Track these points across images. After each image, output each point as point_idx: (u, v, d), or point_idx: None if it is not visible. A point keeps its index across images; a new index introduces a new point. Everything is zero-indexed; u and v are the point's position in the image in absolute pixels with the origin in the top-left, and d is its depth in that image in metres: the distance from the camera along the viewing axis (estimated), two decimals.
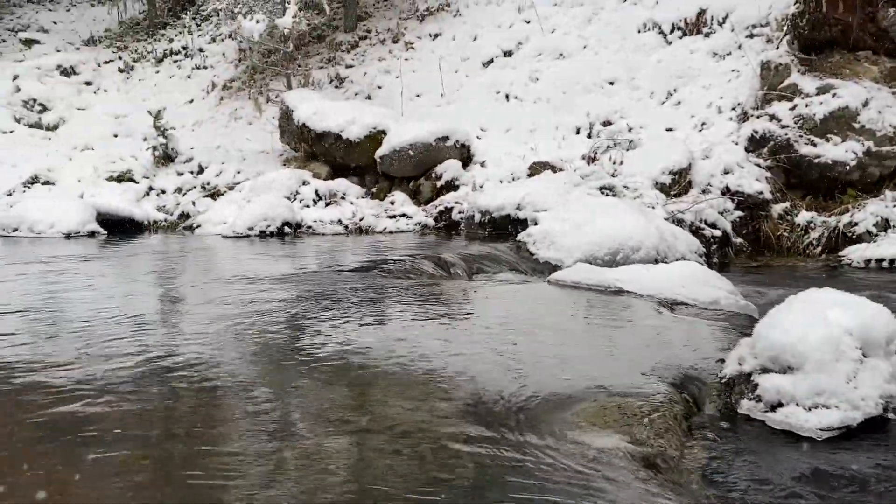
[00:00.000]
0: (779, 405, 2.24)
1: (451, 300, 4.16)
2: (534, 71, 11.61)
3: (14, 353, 2.91)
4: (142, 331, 3.34)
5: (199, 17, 17.17)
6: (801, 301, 2.42)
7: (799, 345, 2.23)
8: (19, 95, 14.25)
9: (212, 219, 9.54)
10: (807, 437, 2.13)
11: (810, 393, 2.17)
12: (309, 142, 10.49)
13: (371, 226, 8.96)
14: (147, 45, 16.84)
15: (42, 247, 7.79)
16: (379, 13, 14.94)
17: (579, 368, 2.64)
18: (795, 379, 2.22)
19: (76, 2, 20.25)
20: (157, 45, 16.62)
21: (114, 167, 11.30)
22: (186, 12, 17.53)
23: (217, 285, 4.83)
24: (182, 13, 17.63)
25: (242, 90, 13.96)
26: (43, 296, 4.43)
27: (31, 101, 14.21)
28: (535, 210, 7.62)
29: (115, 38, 17.67)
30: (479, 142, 10.17)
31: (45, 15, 19.85)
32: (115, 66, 16.22)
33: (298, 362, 2.75)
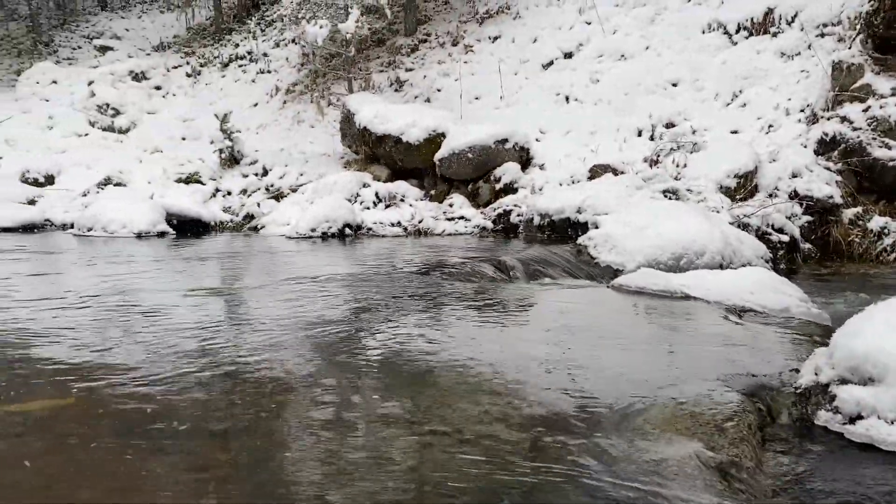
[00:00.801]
0: (858, 417, 2.17)
1: (512, 304, 4.16)
2: (595, 72, 11.51)
3: (85, 351, 3.03)
4: (208, 329, 3.44)
5: (264, 22, 17.58)
6: (883, 310, 2.34)
7: (881, 355, 2.16)
8: (94, 100, 14.85)
9: (276, 220, 9.75)
10: (889, 451, 2.06)
11: (894, 405, 2.10)
12: (369, 144, 10.62)
13: (430, 228, 9.01)
14: (213, 50, 17.34)
15: (115, 246, 8.10)
16: (439, 16, 15.03)
17: (647, 375, 2.61)
18: (877, 391, 2.15)
19: (147, 9, 20.99)
20: (223, 51, 17.09)
21: (182, 169, 11.66)
22: (251, 18, 17.98)
23: (280, 286, 4.94)
24: (247, 19, 18.09)
25: (305, 94, 14.24)
26: (114, 294, 4.61)
27: (104, 105, 14.79)
28: (595, 213, 7.55)
29: (183, 44, 18.25)
30: (538, 144, 10.14)
31: (118, 22, 20.64)
32: (183, 70, 16.75)
33: (360, 363, 2.80)
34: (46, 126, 14.43)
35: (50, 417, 2.17)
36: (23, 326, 3.50)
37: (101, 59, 17.75)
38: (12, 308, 4.01)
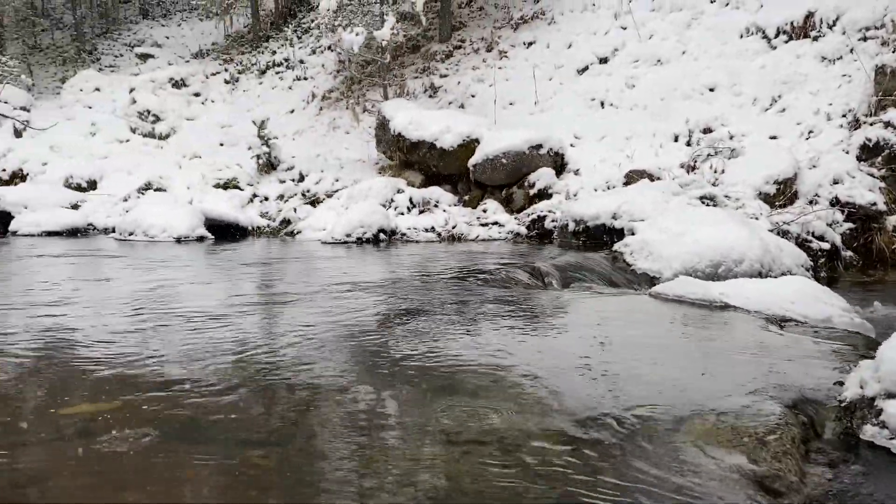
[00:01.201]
0: None
1: (547, 311, 4.16)
2: (630, 77, 11.44)
3: (130, 356, 3.11)
4: (247, 335, 3.50)
5: (300, 29, 17.80)
6: None
7: None
8: (135, 107, 15.18)
9: (312, 225, 9.87)
10: None
11: None
12: (404, 150, 10.68)
13: (463, 233, 9.03)
14: (251, 57, 17.61)
15: (156, 251, 8.26)
16: (473, 23, 15.07)
17: (686, 386, 2.59)
18: None
19: (187, 17, 21.40)
20: (261, 58, 17.34)
21: (220, 175, 11.85)
22: (288, 26, 18.22)
23: (316, 292, 4.99)
24: (284, 26, 18.33)
25: (340, 100, 14.38)
26: (157, 299, 4.71)
27: (145, 112, 15.11)
28: (631, 219, 7.50)
29: (221, 52, 18.57)
30: (573, 150, 10.10)
31: (158, 30, 21.08)
32: (222, 77, 17.04)
33: (396, 371, 2.82)
34: (89, 132, 14.78)
35: (98, 420, 2.23)
36: (73, 329, 3.60)
37: (141, 67, 18.15)
38: (63, 312, 4.12)
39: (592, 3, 13.56)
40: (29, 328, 3.66)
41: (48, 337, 3.44)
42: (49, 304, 4.42)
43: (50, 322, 3.80)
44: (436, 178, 10.53)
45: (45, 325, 3.73)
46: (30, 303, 4.48)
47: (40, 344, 3.31)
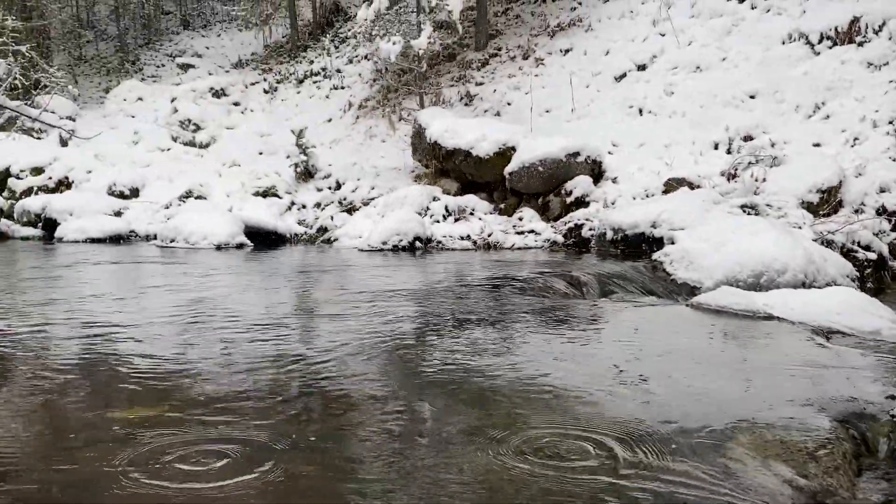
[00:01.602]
0: None
1: (586, 322, 4.12)
2: (669, 84, 11.32)
3: (176, 362, 3.16)
4: (287, 342, 3.54)
5: (338, 39, 18.00)
6: None
7: None
8: (176, 116, 15.48)
9: (348, 232, 9.94)
10: None
11: None
12: (440, 158, 10.71)
13: (499, 241, 9.01)
14: (289, 67, 17.85)
15: (197, 258, 8.40)
16: (509, 30, 15.08)
17: (731, 399, 2.54)
18: None
19: (226, 28, 21.79)
20: (299, 67, 17.57)
21: (259, 183, 12.01)
22: (326, 35, 18.43)
23: (353, 299, 5.02)
24: (322, 36, 18.54)
25: (377, 109, 14.49)
26: (202, 306, 4.78)
27: (186, 121, 15.40)
28: (671, 228, 7.41)
29: (260, 62, 18.85)
30: (610, 157, 10.02)
31: (199, 41, 21.49)
32: (261, 87, 17.29)
33: (433, 379, 2.81)
34: (132, 141, 15.11)
35: (146, 425, 2.26)
36: (121, 333, 3.67)
37: (183, 77, 18.51)
38: (114, 315, 4.21)
39: (630, 10, 13.47)
40: (82, 336, 3.74)
41: (100, 345, 3.52)
42: (104, 312, 4.52)
43: (101, 330, 3.88)
44: (471, 185, 10.53)
45: (98, 333, 3.81)
46: (88, 311, 4.59)
47: (90, 352, 3.38)
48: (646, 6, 13.27)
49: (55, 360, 3.15)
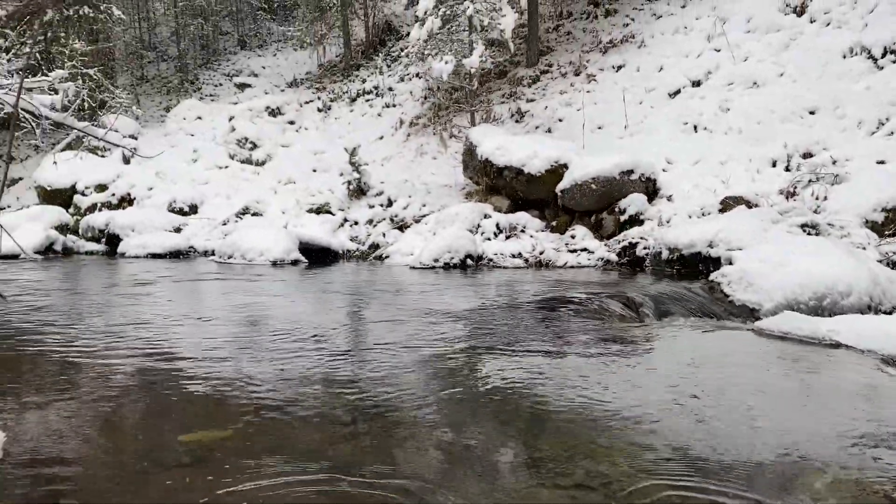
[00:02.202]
0: None
1: (644, 348, 4.06)
2: (724, 100, 11.14)
3: (236, 382, 3.23)
4: (336, 361, 3.58)
5: (390, 58, 18.24)
6: None
7: None
8: (234, 135, 15.87)
9: (400, 249, 10.02)
10: None
11: None
12: (491, 176, 10.73)
13: (551, 260, 8.96)
14: (342, 85, 18.15)
15: (255, 274, 8.57)
16: (561, 47, 15.06)
17: (799, 433, 2.47)
18: None
19: (282, 47, 22.28)
20: (352, 86, 17.85)
21: (313, 200, 12.21)
22: (378, 54, 18.69)
23: (406, 318, 5.06)
24: (374, 55, 18.81)
25: (428, 126, 14.61)
26: (261, 323, 4.88)
27: (243, 139, 15.78)
28: (728, 248, 7.26)
29: (314, 80, 19.22)
30: (665, 175, 9.89)
31: (255, 60, 22.02)
32: (315, 105, 17.61)
33: (486, 406, 2.81)
34: (191, 159, 15.54)
35: (213, 448, 2.32)
36: (183, 352, 3.78)
37: (240, 96, 18.99)
38: (176, 333, 4.33)
39: (684, 25, 13.32)
40: (145, 353, 3.86)
41: (163, 364, 3.62)
42: (166, 329, 4.65)
43: (164, 348, 4.00)
44: (523, 203, 10.51)
45: (160, 351, 3.93)
46: (150, 327, 4.73)
47: (153, 371, 3.48)
48: (700, 22, 13.11)
49: (119, 379, 3.25)
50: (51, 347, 3.89)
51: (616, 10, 15.25)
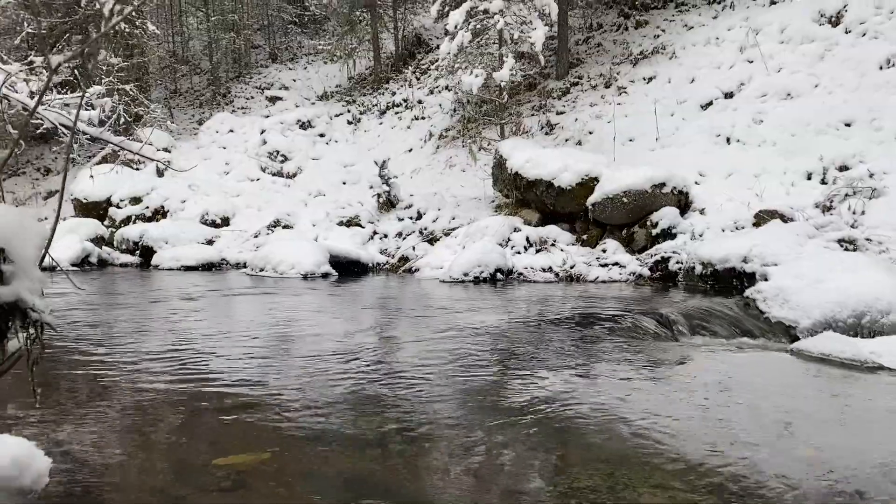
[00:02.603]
0: None
1: (681, 370, 3.99)
2: (758, 112, 11.00)
3: (262, 397, 3.25)
4: (368, 378, 3.58)
5: (419, 71, 18.33)
6: None
7: None
8: (265, 147, 16.07)
9: (430, 263, 10.03)
10: None
11: None
12: (520, 189, 10.71)
13: (582, 274, 8.90)
14: (372, 98, 18.28)
15: (285, 286, 8.64)
16: (591, 59, 15.01)
17: (847, 467, 2.41)
18: None
19: (312, 60, 22.51)
20: (381, 99, 17.97)
21: (343, 213, 12.30)
22: (408, 67, 18.80)
23: (436, 333, 5.06)
24: (404, 68, 18.93)
25: (457, 138, 14.64)
26: (295, 340, 4.92)
27: (275, 152, 15.97)
28: (763, 263, 7.16)
29: (344, 93, 19.39)
30: (697, 188, 9.78)
31: (286, 73, 22.27)
32: (345, 118, 17.76)
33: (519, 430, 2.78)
34: (223, 171, 15.76)
35: (251, 472, 2.33)
36: (218, 370, 3.81)
37: (271, 109, 19.22)
38: (212, 350, 4.38)
39: (716, 36, 13.21)
40: (179, 371, 3.90)
41: (198, 382, 3.66)
42: (202, 346, 4.71)
43: (200, 367, 4.04)
44: (553, 216, 10.47)
45: (196, 370, 3.97)
46: (185, 345, 4.79)
47: (187, 391, 3.51)
48: (732, 33, 12.99)
49: (155, 401, 3.29)
50: (87, 367, 3.95)
51: (647, 21, 15.17)
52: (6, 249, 1.23)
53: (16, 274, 1.25)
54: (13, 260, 1.25)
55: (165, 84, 24.45)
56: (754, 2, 13.67)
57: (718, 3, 14.35)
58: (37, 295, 1.28)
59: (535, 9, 11.30)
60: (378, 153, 14.82)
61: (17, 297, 1.25)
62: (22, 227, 1.27)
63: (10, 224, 1.25)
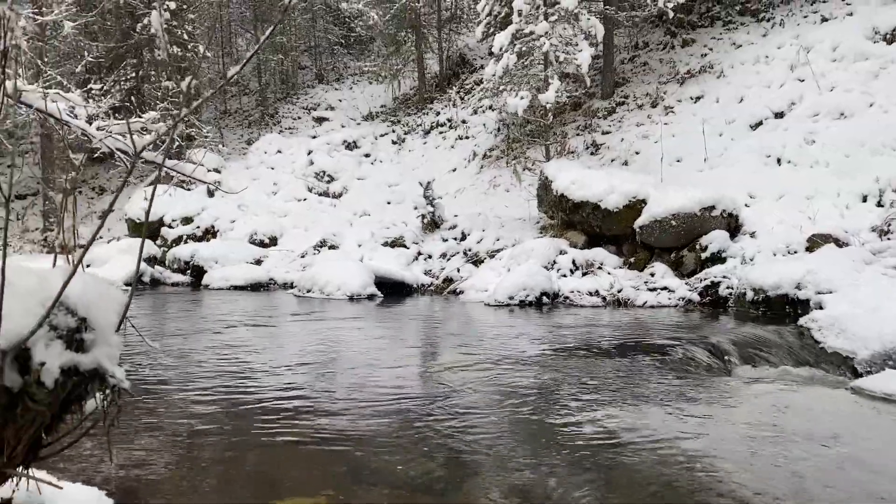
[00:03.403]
0: None
1: (736, 408, 3.88)
2: (809, 132, 10.78)
3: (309, 423, 3.28)
4: (415, 406, 3.59)
5: (463, 90, 18.45)
6: None
7: None
8: (312, 168, 16.33)
9: (474, 285, 10.02)
10: None
11: None
12: (566, 211, 10.65)
13: (630, 298, 8.79)
14: (416, 118, 18.45)
15: (332, 308, 8.73)
16: (636, 78, 14.91)
17: None
18: None
19: (357, 81, 22.83)
20: (425, 118, 18.12)
21: (388, 233, 12.40)
22: (452, 87, 18.94)
23: (481, 363, 5.06)
24: (448, 88, 19.07)
25: (501, 158, 14.67)
26: (336, 362, 4.97)
27: (321, 172, 16.22)
28: (818, 290, 6.98)
29: (389, 113, 19.61)
30: (747, 210, 9.61)
31: (332, 94, 22.62)
32: (389, 138, 17.95)
33: (566, 470, 2.76)
34: (272, 191, 16.04)
35: None
36: (272, 404, 3.87)
37: (317, 129, 19.54)
38: (264, 383, 4.45)
39: (765, 55, 13.00)
40: (237, 403, 3.97)
41: (251, 415, 3.72)
42: (257, 375, 4.79)
43: (254, 397, 4.11)
44: (599, 238, 10.38)
45: (250, 401, 4.04)
46: (240, 371, 4.88)
47: (242, 426, 3.57)
48: (782, 51, 12.77)
49: (212, 435, 3.35)
50: (140, 398, 4.03)
51: (694, 39, 15.03)
52: (87, 318, 1.29)
53: (96, 342, 1.31)
54: (94, 328, 1.31)
55: (216, 105, 25.04)
56: (805, 19, 13.44)
57: (767, 20, 14.15)
58: (115, 361, 1.33)
59: (580, 30, 11.28)
60: (422, 173, 14.93)
61: (97, 365, 1.30)
62: (102, 296, 1.33)
63: (91, 293, 1.31)
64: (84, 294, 1.29)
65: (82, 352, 1.29)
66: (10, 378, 1.16)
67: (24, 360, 1.20)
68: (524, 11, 11.29)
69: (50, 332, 1.24)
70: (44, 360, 1.21)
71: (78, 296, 1.28)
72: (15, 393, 1.18)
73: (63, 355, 1.25)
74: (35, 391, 1.20)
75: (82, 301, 1.29)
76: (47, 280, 1.26)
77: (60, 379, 1.24)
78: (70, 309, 1.27)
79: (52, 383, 1.22)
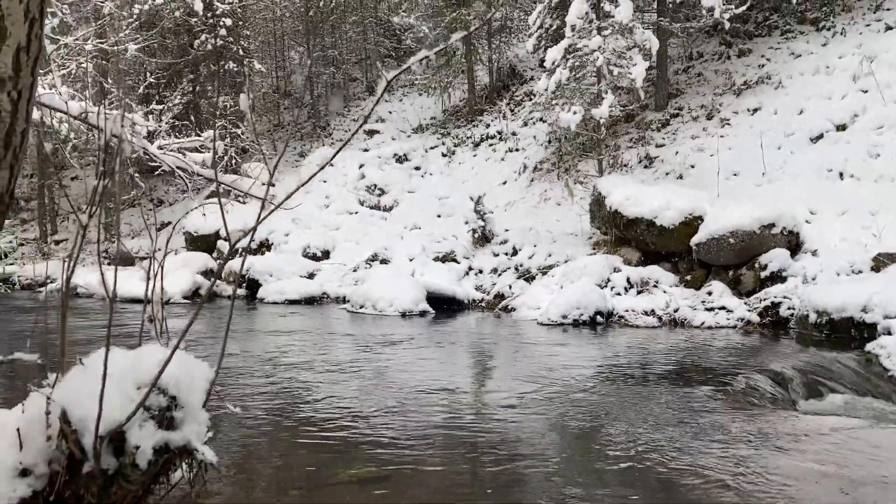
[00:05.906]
0: None
1: (802, 451, 3.76)
2: (873, 145, 10.45)
3: (374, 454, 3.30)
4: (469, 434, 3.58)
5: (513, 102, 18.42)
6: None
7: None
8: (363, 181, 16.51)
9: (526, 302, 9.97)
10: None
11: None
12: (620, 227, 10.52)
13: (686, 318, 8.62)
14: (466, 130, 18.48)
15: (385, 326, 8.79)
16: (691, 89, 14.67)
17: None
18: None
19: (408, 92, 22.99)
20: (475, 131, 18.14)
21: (438, 247, 12.43)
22: (502, 99, 18.92)
23: (536, 386, 5.03)
24: (498, 100, 19.07)
25: (552, 171, 14.58)
26: (394, 386, 4.99)
27: (372, 185, 16.38)
28: (885, 315, 6.75)
29: (439, 125, 19.69)
30: (808, 227, 9.34)
31: (382, 106, 22.81)
32: (439, 151, 18.02)
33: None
34: (324, 204, 16.26)
35: None
36: (331, 430, 3.92)
37: (368, 142, 19.74)
38: (325, 407, 4.51)
39: (826, 65, 12.65)
40: (305, 437, 4.03)
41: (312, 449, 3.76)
42: (315, 404, 4.85)
43: (311, 428, 4.16)
44: (654, 255, 10.22)
45: (309, 433, 4.09)
46: (302, 403, 4.95)
47: (316, 456, 3.62)
48: (843, 60, 12.41)
49: (271, 467, 3.40)
50: None
51: (750, 49, 14.72)
52: (177, 397, 1.33)
53: (185, 419, 1.35)
54: (183, 405, 1.35)
55: (269, 118, 25.54)
56: (868, 28, 13.04)
57: (828, 29, 13.76)
58: (202, 439, 1.37)
59: (634, 44, 11.15)
60: (472, 185, 14.95)
61: (187, 442, 1.34)
62: (189, 372, 1.36)
63: (180, 370, 1.35)
64: (174, 373, 1.33)
65: (172, 429, 1.33)
66: (107, 461, 1.20)
67: (119, 441, 1.25)
68: (577, 26, 11.22)
69: (143, 413, 1.28)
70: (139, 443, 1.25)
71: (169, 374, 1.31)
72: (111, 475, 1.22)
73: (155, 435, 1.29)
74: (129, 472, 1.24)
75: (173, 379, 1.33)
76: (140, 360, 1.30)
77: (153, 458, 1.28)
78: (161, 388, 1.31)
79: (145, 464, 1.26)
